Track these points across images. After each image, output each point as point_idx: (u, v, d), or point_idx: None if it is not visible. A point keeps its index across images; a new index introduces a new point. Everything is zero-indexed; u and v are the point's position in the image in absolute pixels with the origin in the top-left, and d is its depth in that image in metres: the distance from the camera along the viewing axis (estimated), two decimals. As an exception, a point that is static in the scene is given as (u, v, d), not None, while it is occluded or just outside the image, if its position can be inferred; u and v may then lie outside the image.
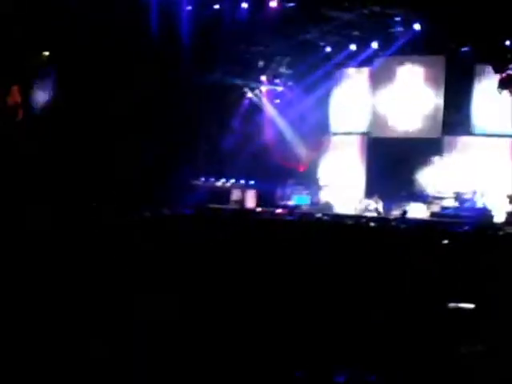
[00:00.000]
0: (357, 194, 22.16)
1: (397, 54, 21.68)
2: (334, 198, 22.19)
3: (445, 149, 21.84)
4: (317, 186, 23.15)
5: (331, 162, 23.80)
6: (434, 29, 19.13)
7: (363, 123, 23.51)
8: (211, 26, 18.37)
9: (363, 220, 19.04)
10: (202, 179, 22.01)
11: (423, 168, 21.52)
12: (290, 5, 18.21)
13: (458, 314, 5.27)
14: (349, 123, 23.71)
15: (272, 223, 14.38)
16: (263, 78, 23.61)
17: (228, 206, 21.48)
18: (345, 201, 21.88)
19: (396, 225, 17.04)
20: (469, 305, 5.32)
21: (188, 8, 17.86)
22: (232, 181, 22.83)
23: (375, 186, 21.73)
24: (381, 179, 21.42)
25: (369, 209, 21.08)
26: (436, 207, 20.60)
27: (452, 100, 21.82)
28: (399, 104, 22.79)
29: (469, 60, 20.75)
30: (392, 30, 20.20)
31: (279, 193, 22.90)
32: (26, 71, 16.69)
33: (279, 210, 20.33)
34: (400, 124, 22.71)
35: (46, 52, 17.23)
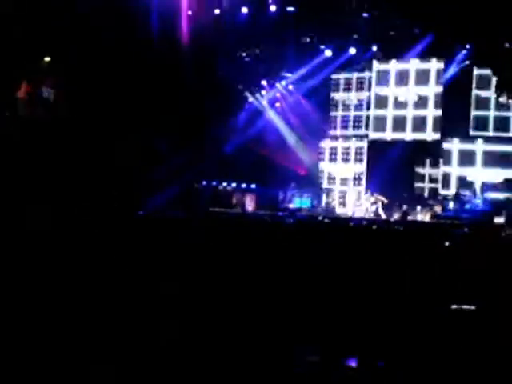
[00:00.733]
0: (357, 197, 22.23)
1: (396, 58, 21.80)
2: (335, 201, 22.27)
3: (444, 152, 21.92)
4: (318, 189, 23.24)
5: (331, 165, 23.88)
6: (433, 32, 19.23)
7: (362, 127, 23.61)
8: (211, 30, 18.46)
9: (364, 222, 19.14)
10: (204, 183, 22.09)
11: (423, 170, 21.62)
12: (290, 9, 18.31)
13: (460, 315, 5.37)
14: (348, 127, 23.79)
15: (273, 226, 14.43)
16: (264, 83, 23.71)
17: (230, 210, 21.57)
18: (346, 203, 21.96)
19: (397, 227, 17.13)
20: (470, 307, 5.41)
21: (189, 12, 17.97)
22: (234, 184, 22.93)
23: (375, 189, 21.78)
24: (381, 182, 21.49)
25: (369, 211, 21.18)
26: (436, 209, 20.68)
27: (451, 104, 21.92)
28: (398, 107, 22.88)
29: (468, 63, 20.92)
30: (391, 34, 20.29)
31: (281, 196, 23.01)
32: (31, 71, 16.75)
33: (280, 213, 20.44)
34: (399, 127, 22.82)
35: (47, 58, 17.31)
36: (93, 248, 6.88)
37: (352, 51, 21.58)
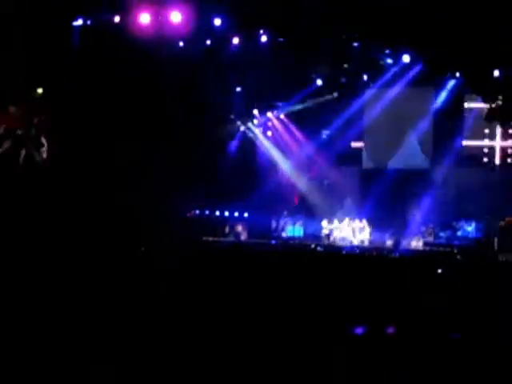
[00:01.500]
0: (350, 225, 22.15)
1: (386, 86, 21.96)
2: (328, 229, 22.19)
3: (434, 179, 22.01)
4: (310, 218, 23.20)
5: (325, 193, 23.86)
6: (423, 61, 19.41)
7: (355, 154, 23.72)
8: (202, 60, 18.56)
9: (356, 250, 19.14)
10: (197, 212, 22.05)
11: (415, 198, 21.64)
12: (281, 40, 18.45)
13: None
14: (341, 155, 23.85)
15: (265, 255, 14.43)
16: (255, 112, 23.81)
17: (222, 239, 21.54)
18: (338, 231, 21.89)
19: (390, 255, 17.15)
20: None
21: (180, 44, 18.04)
22: (226, 213, 22.91)
23: (368, 217, 21.78)
24: (374, 210, 21.50)
25: (363, 239, 21.17)
26: (428, 237, 20.70)
27: (441, 131, 22.12)
28: (389, 135, 23.05)
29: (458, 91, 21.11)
30: (381, 63, 20.46)
31: (273, 224, 23.00)
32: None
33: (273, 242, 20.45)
34: (391, 155, 22.99)
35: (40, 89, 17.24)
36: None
37: (343, 80, 21.73)
